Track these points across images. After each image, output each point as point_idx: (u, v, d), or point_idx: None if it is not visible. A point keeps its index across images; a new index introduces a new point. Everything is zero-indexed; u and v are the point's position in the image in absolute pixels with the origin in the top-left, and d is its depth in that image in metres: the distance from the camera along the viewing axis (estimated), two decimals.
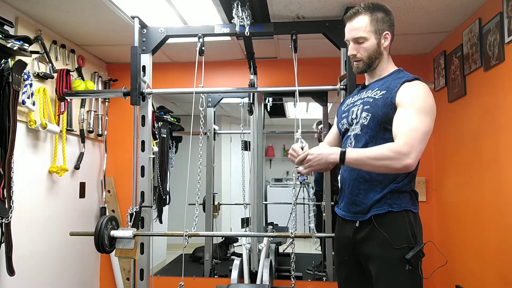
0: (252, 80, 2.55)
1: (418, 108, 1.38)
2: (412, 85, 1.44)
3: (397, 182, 1.42)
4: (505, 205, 1.98)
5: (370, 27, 1.49)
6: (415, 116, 1.36)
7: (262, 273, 2.47)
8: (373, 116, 1.46)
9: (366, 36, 1.49)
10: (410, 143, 1.31)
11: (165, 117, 3.33)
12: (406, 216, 1.40)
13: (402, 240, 1.37)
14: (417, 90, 1.42)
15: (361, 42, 1.50)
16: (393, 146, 1.33)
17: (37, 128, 2.32)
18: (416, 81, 1.45)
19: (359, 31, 1.50)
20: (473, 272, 2.33)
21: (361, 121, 1.49)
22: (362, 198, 1.46)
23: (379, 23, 1.50)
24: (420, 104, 1.39)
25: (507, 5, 1.92)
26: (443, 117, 2.71)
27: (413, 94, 1.41)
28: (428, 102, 1.41)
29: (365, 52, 1.51)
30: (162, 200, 3.32)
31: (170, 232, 1.93)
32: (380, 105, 1.45)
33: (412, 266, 1.35)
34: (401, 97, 1.41)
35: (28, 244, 2.34)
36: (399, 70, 1.55)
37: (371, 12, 1.50)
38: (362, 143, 1.47)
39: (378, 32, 1.50)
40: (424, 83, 1.46)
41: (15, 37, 2.03)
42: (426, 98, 1.41)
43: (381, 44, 1.51)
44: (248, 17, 2.02)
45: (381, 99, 1.45)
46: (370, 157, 1.34)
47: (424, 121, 1.36)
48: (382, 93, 1.47)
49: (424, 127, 1.36)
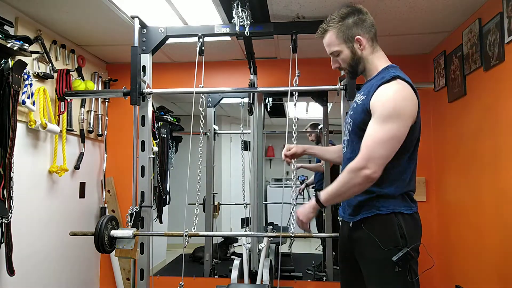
0: (252, 80, 2.55)
1: (381, 115, 1.37)
2: (385, 88, 1.39)
3: (381, 188, 1.42)
4: (505, 205, 1.98)
5: (338, 40, 1.51)
6: (377, 126, 1.37)
7: (262, 273, 2.47)
8: (354, 123, 1.50)
9: (338, 49, 1.53)
10: (365, 156, 1.36)
11: (165, 117, 3.33)
12: (395, 218, 1.41)
13: (390, 242, 1.38)
14: (386, 93, 1.38)
15: (336, 55, 1.55)
16: (348, 167, 1.39)
17: (37, 128, 2.32)
18: (392, 82, 1.40)
19: (330, 47, 1.55)
20: (473, 272, 2.33)
21: (348, 127, 1.55)
22: (352, 201, 1.50)
23: (348, 31, 1.49)
24: (383, 110, 1.37)
25: (507, 5, 1.92)
26: (443, 117, 2.71)
27: (380, 99, 1.39)
28: (393, 105, 1.36)
29: (344, 63, 1.55)
30: (162, 200, 3.33)
31: (170, 232, 1.93)
32: (359, 111, 1.47)
33: (401, 268, 1.36)
34: (373, 105, 1.41)
35: (28, 244, 2.35)
36: (387, 67, 1.49)
37: (337, 22, 1.51)
38: (350, 148, 1.53)
39: (348, 40, 1.50)
40: (402, 82, 1.40)
41: (15, 37, 2.03)
42: (392, 102, 1.37)
43: (355, 50, 1.51)
44: (248, 17, 2.02)
45: (361, 104, 1.47)
46: (337, 188, 1.43)
47: (385, 128, 1.35)
48: (363, 98, 1.48)
49: (384, 135, 1.35)
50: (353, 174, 1.37)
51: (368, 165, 1.34)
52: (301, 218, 1.53)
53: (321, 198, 1.47)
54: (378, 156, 1.35)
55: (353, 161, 1.38)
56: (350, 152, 1.53)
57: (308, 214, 1.52)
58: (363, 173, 1.35)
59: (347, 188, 1.40)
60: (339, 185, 1.42)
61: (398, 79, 1.41)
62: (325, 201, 1.47)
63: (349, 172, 1.38)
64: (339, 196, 1.46)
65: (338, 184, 1.42)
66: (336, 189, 1.43)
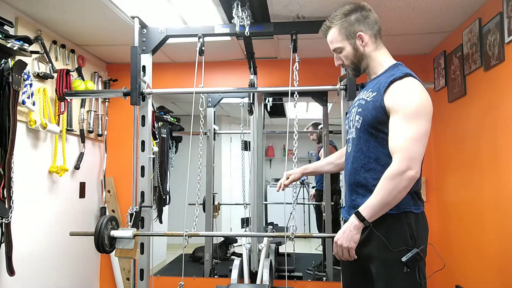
0: (252, 80, 2.55)
1: (407, 113, 1.35)
2: (400, 85, 1.39)
3: None
4: (505, 205, 1.98)
5: (341, 37, 1.52)
6: (405, 124, 1.34)
7: (262, 273, 2.47)
8: (364, 120, 1.45)
9: (340, 46, 1.53)
10: (405, 157, 1.32)
11: (165, 117, 3.33)
12: (405, 218, 1.39)
13: (400, 242, 1.36)
14: (405, 91, 1.38)
15: (339, 52, 1.55)
16: (390, 173, 1.34)
17: (37, 128, 2.32)
18: (405, 79, 1.40)
19: (333, 44, 1.55)
20: (473, 272, 2.33)
21: (355, 125, 1.50)
22: (360, 202, 1.45)
23: (350, 27, 1.50)
24: (409, 108, 1.35)
25: (507, 5, 1.92)
26: (443, 117, 2.71)
27: (401, 97, 1.37)
28: (417, 102, 1.37)
29: (347, 60, 1.55)
30: (162, 200, 3.33)
31: (170, 232, 1.93)
32: (370, 108, 1.43)
33: (410, 269, 1.34)
34: (390, 102, 1.38)
35: (28, 244, 2.35)
36: (395, 65, 1.49)
37: (339, 19, 1.52)
38: (357, 147, 1.48)
39: (350, 36, 1.50)
40: (415, 79, 1.41)
41: (15, 37, 2.03)
42: (414, 98, 1.37)
43: (357, 47, 1.50)
44: (248, 17, 2.02)
45: (371, 101, 1.44)
46: (383, 198, 1.34)
47: (415, 126, 1.34)
48: (373, 95, 1.45)
49: (417, 133, 1.34)
50: (398, 178, 1.32)
51: (411, 165, 1.31)
52: (346, 244, 1.39)
53: (364, 214, 1.36)
54: (417, 155, 1.33)
55: (392, 166, 1.34)
56: (355, 150, 1.49)
57: (353, 237, 1.38)
58: (408, 175, 1.31)
59: (394, 196, 1.33)
60: (384, 195, 1.34)
61: (410, 76, 1.41)
62: (371, 216, 1.36)
63: (392, 178, 1.32)
64: (386, 206, 1.35)
65: (383, 193, 1.34)
66: (381, 199, 1.34)
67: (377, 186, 1.36)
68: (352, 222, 1.38)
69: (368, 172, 1.44)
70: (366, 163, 1.45)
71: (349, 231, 1.39)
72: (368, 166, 1.44)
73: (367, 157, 1.45)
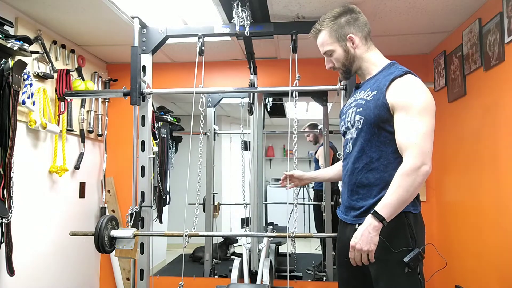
0: (252, 80, 2.55)
1: (415, 109, 1.35)
2: (403, 82, 1.40)
3: None
4: (504, 205, 1.98)
5: (331, 39, 1.52)
6: (416, 120, 1.34)
7: (262, 273, 2.47)
8: (365, 119, 1.45)
9: (331, 49, 1.53)
10: (418, 152, 1.32)
11: (165, 117, 3.33)
12: (405, 218, 1.38)
13: (401, 243, 1.36)
14: (409, 88, 1.39)
15: (330, 54, 1.55)
16: (406, 169, 1.32)
17: (37, 128, 2.32)
18: (406, 76, 1.40)
19: (324, 46, 1.55)
20: (473, 272, 2.33)
21: (356, 125, 1.48)
22: (361, 203, 1.45)
23: (340, 30, 1.50)
24: (417, 104, 1.36)
25: (507, 5, 1.92)
26: (443, 117, 2.71)
27: (406, 93, 1.38)
28: (424, 98, 1.37)
29: (338, 62, 1.55)
30: (162, 200, 3.33)
31: (170, 232, 1.93)
32: (372, 107, 1.43)
33: (411, 269, 1.34)
34: (395, 99, 1.38)
35: (28, 244, 2.35)
36: (391, 64, 1.50)
37: (329, 22, 1.52)
38: (358, 147, 1.47)
39: (341, 39, 1.50)
40: (415, 77, 1.42)
41: (15, 37, 2.03)
42: (421, 95, 1.38)
43: (348, 49, 1.51)
44: (248, 17, 2.02)
45: (372, 100, 1.43)
46: (400, 195, 1.32)
47: (425, 122, 1.34)
48: (373, 93, 1.44)
49: (426, 128, 1.34)
50: (414, 175, 1.31)
51: (425, 160, 1.31)
52: (366, 248, 1.32)
53: (383, 213, 1.31)
54: (429, 150, 1.34)
55: (406, 163, 1.33)
56: (357, 151, 1.47)
57: (373, 239, 1.32)
58: (423, 170, 1.31)
59: (412, 192, 1.32)
60: (401, 192, 1.32)
61: (410, 74, 1.42)
62: (389, 215, 1.32)
63: (408, 174, 1.31)
64: (403, 203, 1.33)
65: (400, 190, 1.32)
66: (399, 197, 1.32)
67: (393, 184, 1.34)
68: (371, 223, 1.33)
69: (371, 172, 1.44)
70: (368, 162, 1.44)
71: (368, 233, 1.33)
72: (371, 166, 1.44)
73: (369, 157, 1.44)
